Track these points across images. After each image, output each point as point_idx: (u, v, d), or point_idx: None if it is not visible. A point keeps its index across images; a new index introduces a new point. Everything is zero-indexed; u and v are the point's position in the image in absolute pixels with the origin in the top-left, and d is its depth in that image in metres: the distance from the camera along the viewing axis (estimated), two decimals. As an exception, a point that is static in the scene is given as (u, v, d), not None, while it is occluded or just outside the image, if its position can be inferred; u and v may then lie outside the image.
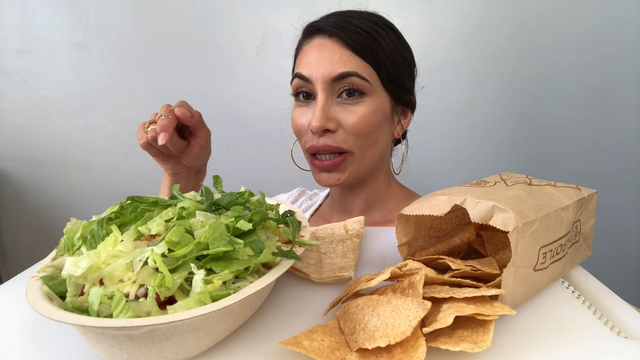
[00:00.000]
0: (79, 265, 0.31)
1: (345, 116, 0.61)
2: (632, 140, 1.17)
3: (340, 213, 0.73)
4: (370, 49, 0.61)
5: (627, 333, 0.34)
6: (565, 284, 0.41)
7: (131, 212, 0.37)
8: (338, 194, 0.73)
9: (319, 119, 0.59)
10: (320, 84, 0.61)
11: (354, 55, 0.61)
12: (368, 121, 0.61)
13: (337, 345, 0.31)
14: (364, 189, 0.70)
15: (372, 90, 0.62)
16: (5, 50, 1.36)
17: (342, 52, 0.60)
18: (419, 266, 0.37)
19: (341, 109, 0.61)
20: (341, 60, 0.60)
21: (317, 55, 0.62)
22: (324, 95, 0.61)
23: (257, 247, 0.34)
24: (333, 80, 0.60)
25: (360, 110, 0.61)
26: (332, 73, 0.60)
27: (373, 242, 0.53)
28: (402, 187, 0.75)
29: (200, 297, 0.29)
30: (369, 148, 0.64)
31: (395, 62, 0.63)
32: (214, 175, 0.46)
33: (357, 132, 0.61)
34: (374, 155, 0.65)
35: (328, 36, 0.62)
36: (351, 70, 0.60)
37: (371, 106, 0.62)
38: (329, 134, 0.61)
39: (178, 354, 0.30)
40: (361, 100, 0.61)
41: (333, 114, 0.61)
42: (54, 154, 1.42)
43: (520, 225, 0.34)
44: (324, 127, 0.60)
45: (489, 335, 0.29)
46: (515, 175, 0.47)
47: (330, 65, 0.60)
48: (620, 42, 1.12)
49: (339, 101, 0.62)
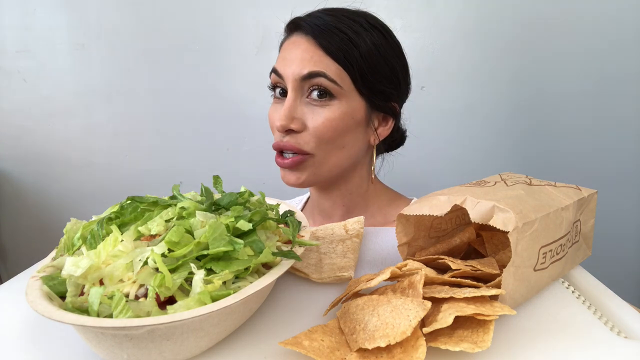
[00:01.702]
0: (79, 265, 0.31)
1: (312, 117, 0.60)
2: (632, 140, 1.17)
3: (321, 217, 0.72)
4: (345, 51, 0.59)
5: (627, 333, 0.34)
6: (565, 284, 0.41)
7: (131, 212, 0.37)
8: (316, 197, 0.72)
9: (283, 119, 0.58)
10: (290, 82, 0.60)
11: (326, 56, 0.59)
12: (332, 125, 0.59)
13: (337, 345, 0.31)
14: (339, 193, 0.69)
15: (342, 94, 0.60)
16: (5, 50, 1.36)
17: (314, 52, 0.59)
18: (419, 266, 0.37)
19: (309, 109, 0.60)
20: (312, 59, 0.59)
21: (291, 52, 0.61)
22: (293, 94, 0.60)
23: (257, 247, 0.34)
24: (302, 79, 0.59)
25: (326, 114, 0.59)
26: (301, 72, 0.59)
27: (373, 242, 0.53)
28: (386, 191, 0.73)
29: (200, 297, 0.29)
30: (333, 152, 0.62)
31: (374, 66, 0.60)
32: (214, 175, 0.46)
33: (320, 135, 0.59)
34: (340, 160, 0.63)
35: (304, 34, 0.61)
36: (319, 70, 0.58)
37: (338, 110, 0.60)
38: (293, 134, 0.60)
39: (178, 354, 0.30)
40: (329, 103, 0.60)
41: (300, 114, 0.60)
42: (54, 154, 1.42)
43: (520, 225, 0.34)
44: (287, 127, 0.59)
45: (489, 335, 0.29)
46: (515, 175, 0.47)
47: (301, 64, 0.59)
48: (620, 42, 1.12)
49: (307, 101, 0.60)
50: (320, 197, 0.71)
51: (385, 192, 0.73)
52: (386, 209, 0.71)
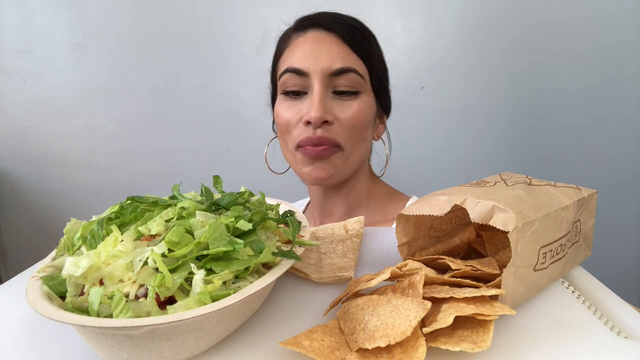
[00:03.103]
0: (79, 265, 0.31)
1: (341, 110, 0.60)
2: (632, 140, 1.17)
3: (321, 216, 0.72)
4: (366, 48, 0.61)
5: (627, 333, 0.34)
6: (565, 284, 0.41)
7: (131, 212, 0.37)
8: (319, 198, 0.72)
9: (320, 110, 0.58)
10: (318, 77, 0.59)
11: (352, 52, 0.60)
12: (362, 117, 0.61)
13: (337, 345, 0.31)
14: (345, 190, 0.69)
15: (365, 88, 0.62)
16: (5, 50, 1.36)
17: (341, 48, 0.60)
18: (419, 266, 0.37)
19: (336, 103, 0.61)
20: (340, 55, 0.59)
21: (314, 47, 0.60)
22: (322, 87, 0.59)
23: (257, 247, 0.34)
24: (332, 74, 0.59)
25: (355, 106, 0.61)
26: (331, 67, 0.59)
27: (373, 242, 0.53)
28: (384, 187, 0.74)
29: (200, 297, 0.29)
30: (358, 145, 0.63)
31: (382, 65, 0.65)
32: (214, 175, 0.46)
33: (352, 127, 0.60)
34: (361, 153, 0.65)
35: (325, 30, 0.61)
36: (351, 66, 0.60)
37: (364, 103, 0.62)
38: (326, 127, 0.59)
39: (178, 354, 0.30)
40: (355, 96, 0.61)
41: (329, 108, 0.60)
42: (54, 154, 1.42)
43: (520, 225, 0.34)
44: (324, 117, 0.58)
45: (489, 335, 0.29)
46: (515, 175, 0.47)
47: (330, 59, 0.59)
48: (620, 42, 1.12)
49: (333, 96, 0.61)
50: (324, 197, 0.71)
51: (384, 189, 0.74)
52: (385, 206, 0.71)
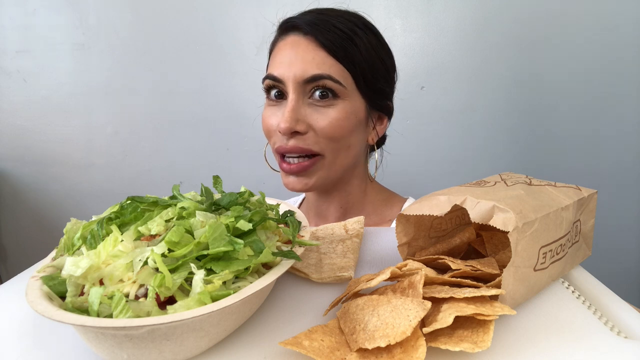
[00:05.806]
0: (79, 265, 0.31)
1: (317, 118, 0.58)
2: (632, 140, 1.17)
3: (316, 218, 0.72)
4: (347, 50, 0.58)
5: (627, 333, 0.34)
6: (565, 284, 0.41)
7: (131, 212, 0.37)
8: (313, 199, 0.71)
9: (288, 120, 0.57)
10: (291, 84, 0.58)
11: (328, 56, 0.58)
12: (340, 125, 0.59)
13: (337, 345, 0.31)
14: (338, 194, 0.68)
15: (345, 94, 0.59)
16: (5, 50, 1.36)
17: (317, 53, 0.58)
18: (419, 266, 0.37)
19: (312, 110, 0.59)
20: (314, 61, 0.57)
21: (290, 54, 0.59)
22: (295, 95, 0.58)
23: (257, 247, 0.34)
24: (305, 81, 0.58)
25: (332, 114, 0.58)
26: (304, 74, 0.57)
27: (373, 242, 0.53)
28: (381, 190, 0.73)
29: (200, 297, 0.29)
30: (341, 152, 0.61)
31: (373, 65, 0.60)
32: (214, 175, 0.46)
33: (329, 135, 0.58)
34: (346, 159, 0.63)
35: (303, 34, 0.59)
36: (324, 73, 0.57)
37: (343, 110, 0.59)
38: (299, 136, 0.59)
39: (178, 354, 0.30)
40: (334, 103, 0.59)
41: (303, 116, 0.58)
42: (54, 154, 1.42)
43: (520, 225, 0.34)
44: (293, 129, 0.57)
45: (489, 335, 0.29)
46: (515, 175, 0.47)
47: (303, 65, 0.57)
48: (620, 41, 1.12)
49: (310, 102, 0.59)
50: (317, 200, 0.71)
51: (380, 191, 0.73)
52: (382, 209, 0.71)
